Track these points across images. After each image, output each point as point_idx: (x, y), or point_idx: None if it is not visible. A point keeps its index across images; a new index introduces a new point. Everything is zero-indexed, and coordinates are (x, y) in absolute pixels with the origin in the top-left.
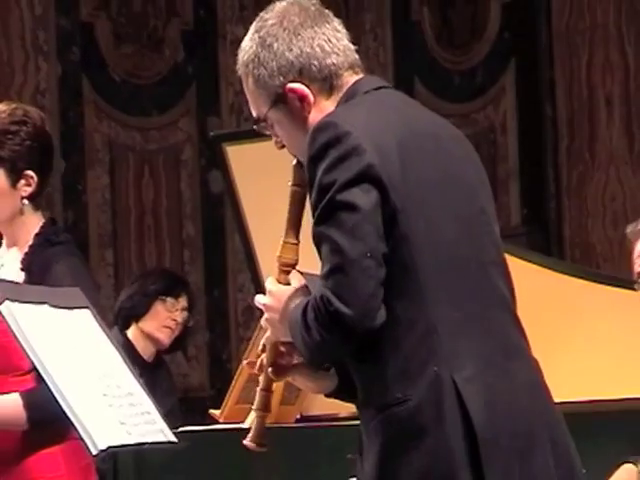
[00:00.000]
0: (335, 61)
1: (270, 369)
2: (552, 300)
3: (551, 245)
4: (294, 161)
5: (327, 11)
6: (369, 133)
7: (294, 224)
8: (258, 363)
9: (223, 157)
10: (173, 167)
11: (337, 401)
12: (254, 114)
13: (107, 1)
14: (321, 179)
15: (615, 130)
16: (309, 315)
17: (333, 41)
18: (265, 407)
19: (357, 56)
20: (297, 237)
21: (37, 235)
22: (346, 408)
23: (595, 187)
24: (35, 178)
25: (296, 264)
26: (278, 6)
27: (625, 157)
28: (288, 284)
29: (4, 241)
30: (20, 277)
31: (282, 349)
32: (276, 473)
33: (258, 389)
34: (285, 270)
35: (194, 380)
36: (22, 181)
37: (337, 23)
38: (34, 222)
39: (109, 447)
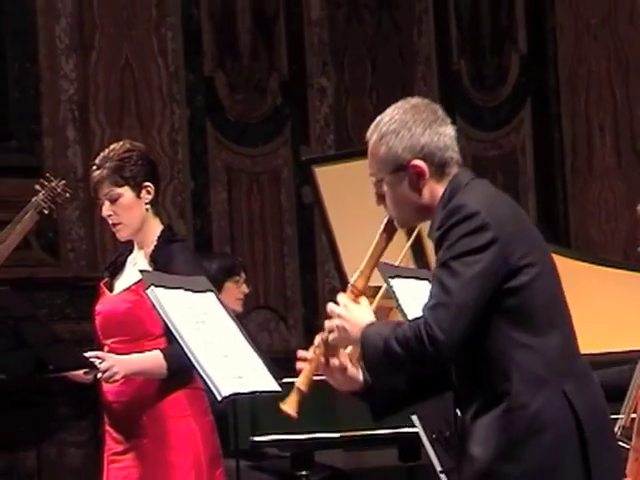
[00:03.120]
0: (451, 155)
1: (322, 359)
2: (562, 278)
3: (560, 238)
4: (387, 218)
5: (447, 117)
6: (490, 213)
7: (373, 262)
8: (309, 354)
9: (312, 176)
10: (275, 184)
11: None
12: (371, 171)
13: (223, 61)
14: (452, 245)
15: (607, 151)
16: (404, 334)
17: (452, 141)
18: (307, 386)
19: (460, 156)
20: (371, 272)
21: (159, 237)
22: None
23: (593, 193)
24: (152, 187)
25: (365, 291)
26: (420, 101)
27: (615, 171)
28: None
29: (135, 245)
30: (149, 269)
31: (336, 352)
32: (355, 410)
33: (305, 372)
34: (356, 293)
35: (293, 344)
36: (143, 191)
37: (454, 127)
38: (156, 226)
39: (230, 394)
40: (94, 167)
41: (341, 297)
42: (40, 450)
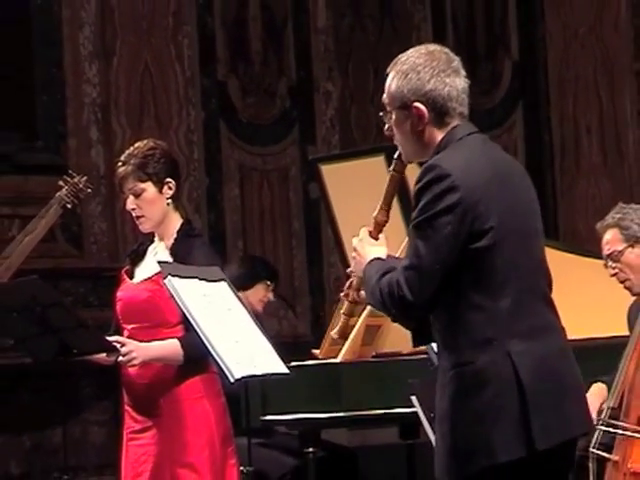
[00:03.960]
0: (454, 106)
1: (355, 292)
2: (551, 268)
3: (550, 231)
4: (396, 154)
5: (462, 70)
6: (463, 175)
7: (389, 197)
8: (346, 286)
9: (318, 173)
10: (283, 181)
11: (401, 341)
12: (384, 100)
13: (236, 66)
14: (423, 206)
15: (594, 150)
16: (384, 286)
17: (459, 93)
18: (343, 333)
19: (467, 110)
20: (390, 206)
21: (179, 231)
22: (407, 347)
23: (580, 190)
24: (173, 183)
25: (386, 223)
26: (436, 48)
27: (601, 169)
28: (376, 238)
29: (156, 236)
30: (169, 260)
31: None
32: (359, 392)
33: (346, 303)
34: (377, 227)
35: (301, 329)
36: (165, 187)
37: (466, 81)
38: (176, 220)
39: (242, 377)
40: (119, 163)
41: (362, 230)
42: (65, 428)
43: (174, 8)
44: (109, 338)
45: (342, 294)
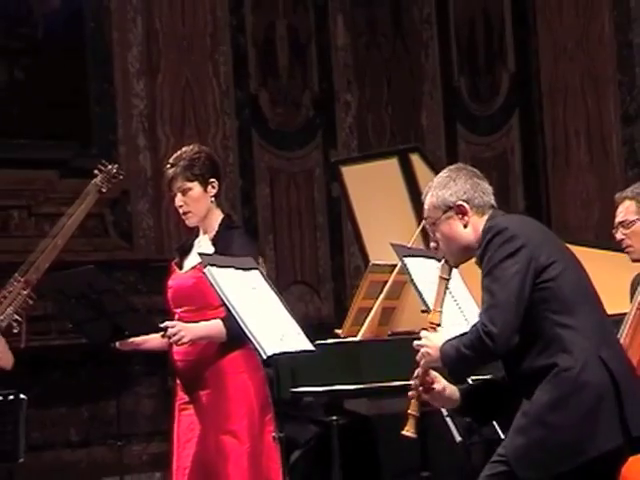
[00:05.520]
0: (488, 200)
1: (420, 388)
2: None
3: (543, 223)
4: (443, 260)
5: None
6: (519, 227)
7: (440, 300)
8: (413, 383)
9: (339, 174)
10: (308, 181)
11: (413, 321)
12: (427, 219)
13: (266, 81)
14: (490, 257)
15: (581, 151)
16: (470, 339)
17: (488, 190)
18: (416, 411)
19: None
20: (441, 307)
21: (220, 224)
22: (419, 326)
23: (570, 186)
24: (216, 182)
25: (440, 324)
26: (460, 165)
27: (588, 167)
28: None
29: (200, 230)
30: (211, 251)
31: (428, 378)
32: (376, 366)
33: (413, 401)
34: (433, 327)
35: (324, 312)
36: (209, 186)
37: (488, 184)
38: (217, 215)
39: (273, 354)
40: (168, 165)
41: (423, 333)
42: (119, 400)
43: (211, 30)
44: (162, 324)
45: (410, 393)
